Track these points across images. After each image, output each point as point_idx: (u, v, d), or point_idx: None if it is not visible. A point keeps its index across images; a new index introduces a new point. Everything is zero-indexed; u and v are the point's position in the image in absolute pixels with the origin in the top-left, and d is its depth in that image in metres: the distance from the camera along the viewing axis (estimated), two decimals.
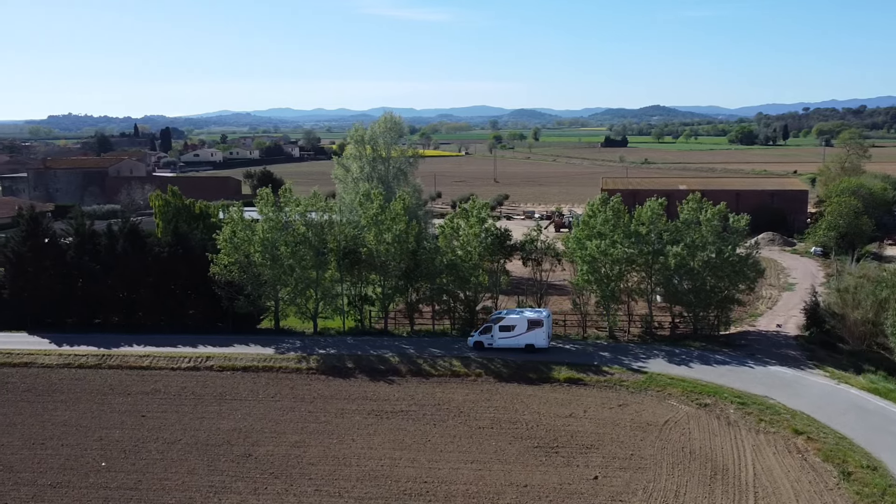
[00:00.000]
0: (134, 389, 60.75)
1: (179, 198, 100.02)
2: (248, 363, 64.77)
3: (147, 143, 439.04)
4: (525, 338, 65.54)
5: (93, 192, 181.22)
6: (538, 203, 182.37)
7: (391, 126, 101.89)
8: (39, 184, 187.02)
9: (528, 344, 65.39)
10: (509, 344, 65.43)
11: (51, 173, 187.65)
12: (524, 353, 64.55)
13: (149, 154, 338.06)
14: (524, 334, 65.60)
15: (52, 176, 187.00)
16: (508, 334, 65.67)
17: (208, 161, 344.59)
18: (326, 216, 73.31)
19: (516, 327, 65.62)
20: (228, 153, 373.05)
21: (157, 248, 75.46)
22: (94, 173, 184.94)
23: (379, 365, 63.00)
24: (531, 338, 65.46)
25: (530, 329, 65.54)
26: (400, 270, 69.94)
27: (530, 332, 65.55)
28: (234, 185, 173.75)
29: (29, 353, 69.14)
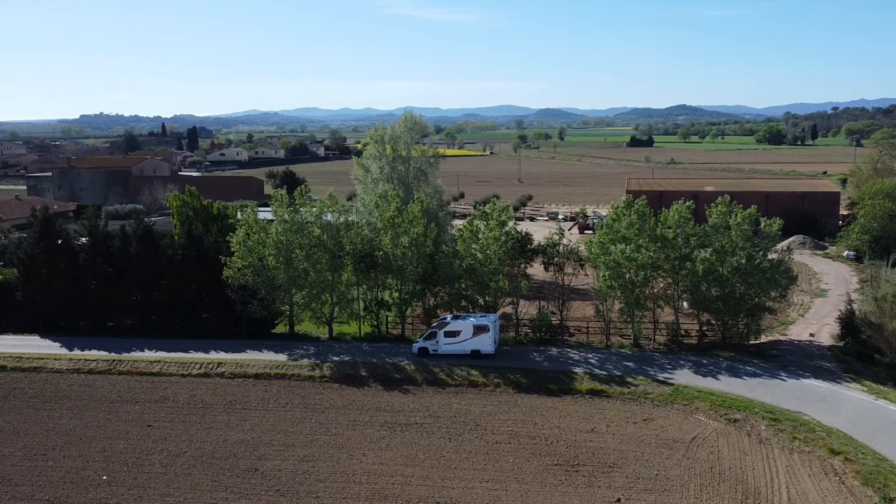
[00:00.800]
0: (142, 397, 58.73)
1: (197, 198, 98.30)
2: (261, 370, 62.56)
3: (174, 143, 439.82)
4: (471, 343, 63.93)
5: (116, 191, 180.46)
6: (562, 204, 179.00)
7: (412, 126, 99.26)
8: (64, 183, 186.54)
9: (473, 350, 63.77)
10: (455, 350, 63.89)
11: (75, 173, 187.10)
12: (471, 359, 62.85)
13: (175, 153, 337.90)
14: (470, 340, 63.98)
15: (77, 175, 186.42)
16: (454, 340, 64.13)
17: (234, 160, 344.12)
18: (343, 218, 71.06)
19: (462, 332, 64.03)
20: (254, 152, 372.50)
21: (170, 250, 73.50)
22: (118, 173, 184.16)
23: (394, 373, 60.54)
24: (477, 343, 63.79)
25: (476, 334, 63.85)
26: (417, 275, 67.43)
27: (476, 338, 63.87)
28: (256, 185, 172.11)
29: (39, 358, 67.42)
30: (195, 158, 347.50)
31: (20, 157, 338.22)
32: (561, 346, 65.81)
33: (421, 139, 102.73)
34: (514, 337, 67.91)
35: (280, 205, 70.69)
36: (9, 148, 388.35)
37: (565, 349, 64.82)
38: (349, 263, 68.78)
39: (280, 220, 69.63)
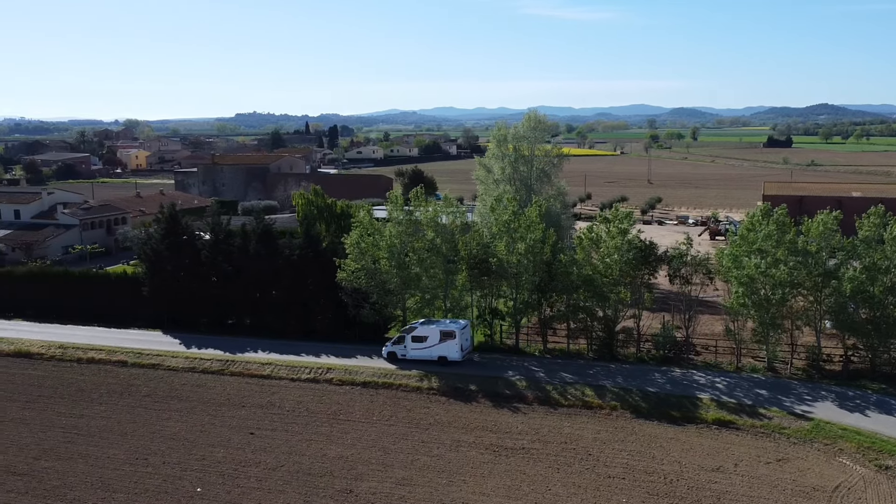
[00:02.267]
0: (249, 401, 56.19)
1: (321, 197, 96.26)
2: (368, 378, 59.04)
3: (316, 141, 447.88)
4: (438, 349, 61.47)
5: (256, 187, 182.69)
6: (693, 207, 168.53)
7: (536, 125, 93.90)
8: (208, 179, 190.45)
9: (440, 356, 61.31)
10: (422, 356, 61.62)
11: (218, 169, 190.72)
12: (438, 366, 60.47)
13: (315, 151, 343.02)
14: (437, 346, 61.50)
15: (219, 172, 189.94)
16: (421, 345, 61.79)
17: (370, 158, 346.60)
18: (458, 220, 66.72)
19: (429, 338, 61.60)
20: (389, 150, 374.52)
21: (287, 250, 71.13)
22: (257, 169, 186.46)
23: (504, 389, 55.73)
24: (444, 350, 61.29)
25: (443, 341, 61.35)
26: (532, 283, 62.34)
27: (443, 344, 61.37)
28: (385, 184, 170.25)
29: (158, 355, 66.29)
30: (333, 156, 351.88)
31: (175, 152, 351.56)
32: (685, 366, 59.17)
33: (550, 138, 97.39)
34: (635, 354, 61.76)
35: (395, 206, 67.12)
36: (166, 144, 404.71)
37: (690, 370, 58.16)
38: (463, 269, 64.48)
39: (394, 221, 66.06)
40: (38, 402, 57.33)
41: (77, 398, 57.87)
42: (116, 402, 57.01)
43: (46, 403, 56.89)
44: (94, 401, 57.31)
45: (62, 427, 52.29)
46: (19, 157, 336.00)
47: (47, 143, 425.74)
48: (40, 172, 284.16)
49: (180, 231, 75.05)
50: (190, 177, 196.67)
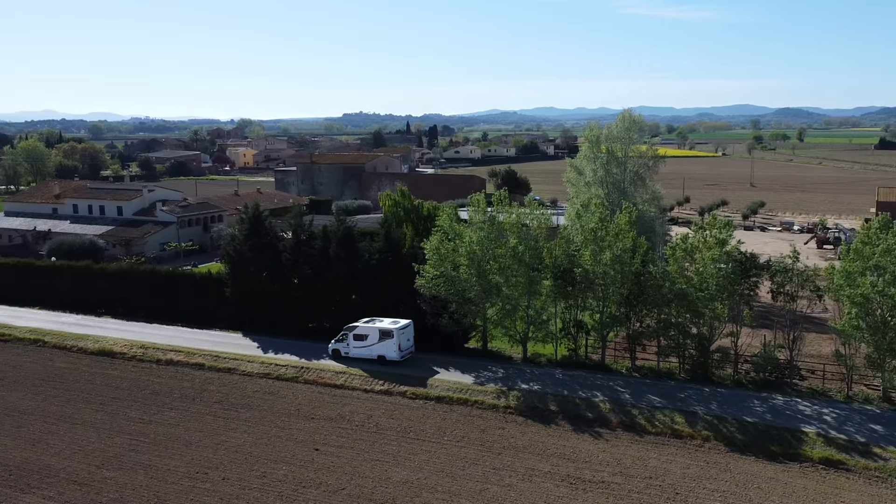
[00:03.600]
0: (319, 413, 52.88)
1: (408, 198, 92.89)
2: (443, 392, 54.95)
3: (415, 140, 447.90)
4: (377, 348, 60.96)
5: (352, 187, 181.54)
6: (798, 213, 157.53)
7: (630, 125, 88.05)
8: (306, 178, 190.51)
9: (379, 355, 60.77)
10: (363, 354, 61.33)
11: (316, 168, 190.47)
12: (378, 365, 59.99)
13: (414, 150, 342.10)
14: (376, 345, 60.99)
15: (317, 171, 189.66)
16: (362, 344, 61.50)
17: (467, 158, 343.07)
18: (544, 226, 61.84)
19: (369, 337, 61.27)
20: (487, 150, 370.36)
21: (367, 253, 67.76)
22: (353, 169, 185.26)
23: (586, 411, 50.67)
24: (382, 349, 60.75)
25: (382, 340, 60.80)
26: (620, 296, 57.02)
27: (381, 343, 60.81)
28: (478, 184, 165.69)
29: (234, 359, 63.91)
30: (431, 155, 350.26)
31: (280, 151, 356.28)
32: (788, 392, 52.52)
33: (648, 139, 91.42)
34: (731, 376, 55.60)
35: (476, 210, 62.82)
36: (272, 143, 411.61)
37: (793, 398, 51.49)
38: (548, 278, 59.71)
39: (476, 226, 61.75)
40: (112, 404, 55.54)
41: (149, 402, 55.83)
42: (187, 407, 54.68)
43: (119, 406, 55.03)
44: (165, 405, 55.13)
45: (129, 433, 50.15)
46: (137, 155, 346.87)
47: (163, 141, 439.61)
48: (154, 169, 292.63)
49: (263, 232, 72.73)
50: (289, 175, 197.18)
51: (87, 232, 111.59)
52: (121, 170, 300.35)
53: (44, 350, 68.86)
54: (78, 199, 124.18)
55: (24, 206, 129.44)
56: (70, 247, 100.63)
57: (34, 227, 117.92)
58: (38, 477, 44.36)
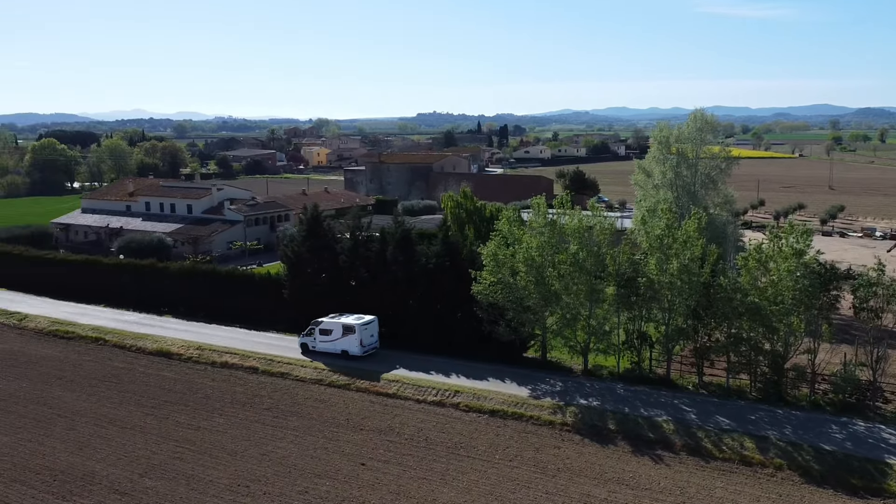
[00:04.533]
0: (368, 424, 50.34)
1: (470, 199, 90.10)
2: (497, 406, 51.81)
3: (486, 140, 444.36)
4: (341, 343, 61.76)
5: (419, 186, 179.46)
6: (881, 218, 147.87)
7: (702, 125, 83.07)
8: (375, 177, 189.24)
9: (343, 350, 61.51)
10: (328, 348, 62.19)
11: (384, 167, 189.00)
12: (344, 360, 60.63)
13: (484, 150, 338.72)
14: (340, 339, 61.76)
15: (386, 170, 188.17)
16: (327, 338, 62.31)
17: (537, 158, 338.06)
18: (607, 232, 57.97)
19: (333, 332, 62.06)
20: (557, 150, 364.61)
21: (424, 257, 65.00)
22: (421, 168, 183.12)
23: (648, 431, 46.86)
24: (345, 344, 61.57)
25: (345, 335, 61.55)
26: (687, 308, 52.88)
27: (344, 338, 61.60)
28: (545, 185, 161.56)
29: (288, 363, 61.96)
30: (501, 155, 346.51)
31: (353, 150, 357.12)
32: (871, 417, 47.57)
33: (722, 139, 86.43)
34: (808, 397, 50.86)
35: (536, 213, 59.39)
36: (345, 142, 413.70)
37: (877, 424, 46.50)
38: (611, 287, 55.99)
39: (535, 231, 58.31)
40: (163, 408, 54.08)
41: (200, 407, 54.18)
42: (237, 414, 52.81)
43: (170, 411, 53.52)
44: (215, 411, 53.38)
45: (176, 440, 48.46)
46: (216, 153, 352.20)
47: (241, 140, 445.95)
48: (231, 167, 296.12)
49: (321, 233, 70.69)
50: (358, 175, 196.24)
51: (158, 229, 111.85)
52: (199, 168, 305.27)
53: (104, 349, 68.18)
54: (150, 197, 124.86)
55: (99, 204, 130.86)
56: (139, 244, 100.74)
57: (107, 224, 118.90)
58: (80, 484, 42.93)
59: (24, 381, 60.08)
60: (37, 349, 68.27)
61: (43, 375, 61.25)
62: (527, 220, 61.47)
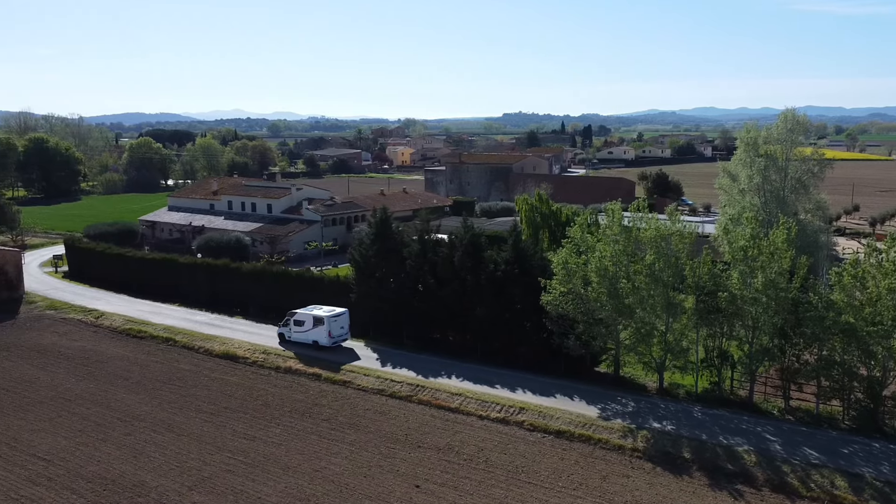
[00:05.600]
0: (427, 441, 47.15)
1: (546, 203, 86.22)
2: (564, 426, 47.87)
3: (569, 141, 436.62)
4: (312, 334, 63.79)
5: (498, 187, 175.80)
6: None
7: (793, 126, 77.14)
8: (455, 177, 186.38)
9: (314, 340, 63.65)
10: (301, 339, 64.38)
11: (464, 168, 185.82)
12: (313, 350, 62.89)
13: (567, 151, 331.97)
14: (311, 330, 63.73)
15: (465, 171, 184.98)
16: (300, 329, 64.36)
17: (620, 159, 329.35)
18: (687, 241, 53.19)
19: (305, 323, 64.09)
20: (641, 151, 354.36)
21: (492, 264, 61.42)
22: (500, 169, 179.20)
23: (727, 462, 42.19)
24: (315, 335, 63.58)
25: (315, 326, 63.42)
26: (773, 326, 47.80)
27: (315, 329, 63.49)
28: (626, 187, 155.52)
29: (351, 371, 59.37)
30: (584, 156, 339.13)
31: (436, 150, 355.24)
32: None
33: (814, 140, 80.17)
34: None
35: (611, 220, 55.08)
36: (430, 142, 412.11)
37: None
38: (689, 301, 51.35)
39: (612, 239, 54.02)
40: (222, 415, 52.13)
41: (258, 415, 51.99)
42: (294, 424, 50.38)
43: (228, 418, 51.51)
44: (272, 420, 51.10)
45: (230, 451, 46.30)
46: (304, 152, 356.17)
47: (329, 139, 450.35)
48: (318, 166, 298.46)
49: (390, 236, 67.95)
50: (438, 175, 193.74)
51: (238, 228, 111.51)
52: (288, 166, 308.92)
53: (173, 350, 67.03)
54: (233, 196, 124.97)
55: (185, 202, 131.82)
56: (217, 243, 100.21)
57: (190, 223, 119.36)
58: (128, 495, 41.09)
59: (91, 381, 59.23)
60: (109, 348, 67.65)
61: (110, 376, 60.32)
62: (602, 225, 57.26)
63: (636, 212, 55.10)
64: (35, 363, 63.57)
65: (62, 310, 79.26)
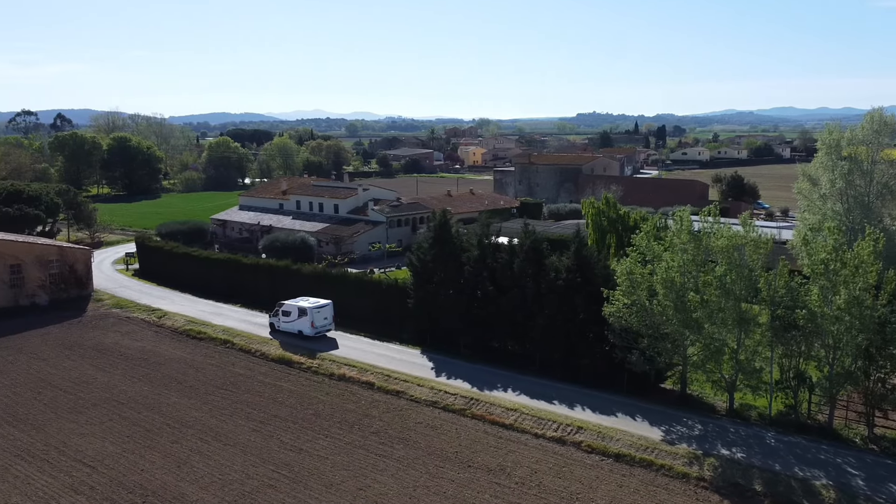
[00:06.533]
0: (478, 460, 44.09)
1: (613, 207, 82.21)
2: (624, 448, 44.16)
3: (642, 141, 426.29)
4: (297, 324, 66.37)
5: (568, 188, 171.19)
6: None
7: (880, 127, 71.03)
8: (524, 178, 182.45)
9: (299, 330, 66.17)
10: (288, 328, 67.01)
11: (533, 169, 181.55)
12: (299, 339, 65.41)
13: (640, 151, 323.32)
14: (296, 320, 66.33)
15: (534, 171, 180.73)
16: (287, 319, 66.98)
17: (695, 160, 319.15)
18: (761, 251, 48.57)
19: (292, 313, 66.72)
20: (716, 152, 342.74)
21: (553, 272, 57.90)
22: (570, 170, 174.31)
23: (802, 498, 37.80)
24: (300, 324, 66.18)
25: (300, 316, 66.10)
26: (856, 346, 43.09)
27: (300, 320, 66.14)
28: (699, 190, 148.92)
29: (404, 380, 56.73)
30: (657, 157, 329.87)
31: (507, 150, 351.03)
32: None
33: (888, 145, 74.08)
34: None
35: (679, 227, 50.92)
36: (501, 142, 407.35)
37: None
38: (763, 316, 46.94)
39: (678, 248, 49.91)
40: (271, 424, 50.13)
41: (307, 426, 49.77)
42: (343, 436, 47.97)
43: (276, 428, 49.46)
44: (321, 431, 48.81)
45: (275, 464, 44.15)
46: (378, 152, 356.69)
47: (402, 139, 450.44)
48: (390, 166, 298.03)
49: (449, 240, 65.04)
50: (507, 176, 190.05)
51: (305, 228, 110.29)
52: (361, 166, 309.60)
53: (230, 353, 65.59)
54: (301, 196, 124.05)
55: (255, 201, 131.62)
56: (282, 243, 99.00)
57: (258, 222, 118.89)
58: None
59: (146, 383, 58.11)
60: (168, 349, 66.65)
61: (165, 379, 59.10)
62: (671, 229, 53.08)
63: (706, 217, 50.86)
64: (95, 363, 62.92)
65: (127, 308, 78.97)
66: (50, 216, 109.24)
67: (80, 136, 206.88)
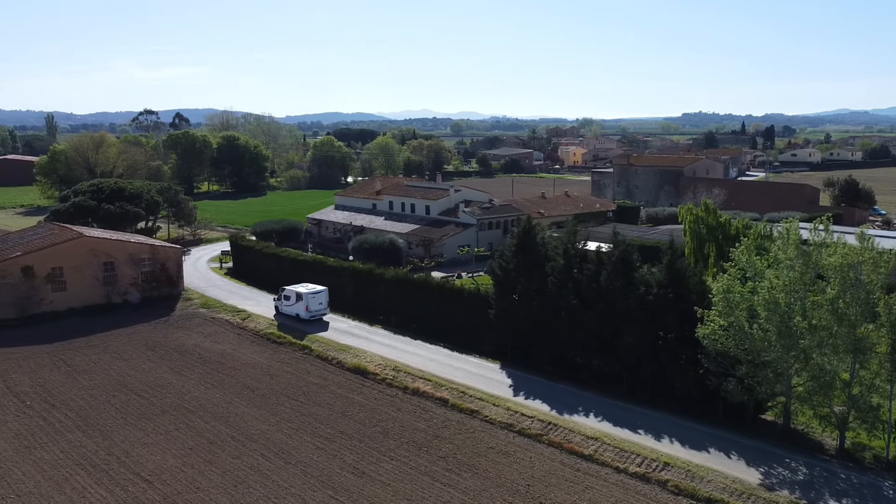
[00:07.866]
0: (551, 497, 39.23)
1: (713, 213, 75.05)
2: (716, 492, 38.37)
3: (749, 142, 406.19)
4: (294, 308, 69.91)
5: (668, 191, 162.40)
6: None
7: None
8: (622, 180, 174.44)
9: (296, 313, 69.70)
10: (288, 311, 70.75)
11: (632, 170, 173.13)
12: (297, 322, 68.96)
13: (746, 153, 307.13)
14: (295, 304, 69.73)
15: (633, 173, 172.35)
16: (288, 303, 70.54)
17: (805, 162, 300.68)
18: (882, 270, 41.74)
19: (291, 298, 70.19)
20: (828, 154, 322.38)
21: (643, 286, 52.22)
22: (670, 172, 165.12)
23: None
24: (297, 308, 69.67)
25: (297, 301, 69.44)
26: None
27: (297, 304, 69.48)
28: (809, 194, 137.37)
29: (480, 398, 52.31)
30: (764, 159, 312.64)
31: (608, 150, 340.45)
32: None
33: None
34: None
35: (785, 241, 44.47)
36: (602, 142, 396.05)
37: None
38: (883, 346, 40.17)
39: (783, 265, 43.52)
40: (336, 441, 46.68)
41: (374, 445, 46.04)
42: (409, 460, 43.97)
43: (342, 445, 45.94)
44: (386, 453, 44.95)
45: (334, 488, 40.60)
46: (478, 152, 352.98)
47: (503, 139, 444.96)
48: (490, 166, 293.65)
49: (533, 248, 60.17)
50: (605, 177, 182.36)
51: (396, 230, 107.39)
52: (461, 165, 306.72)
53: (307, 360, 62.80)
54: (394, 196, 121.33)
55: (350, 200, 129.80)
56: (371, 245, 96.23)
57: (351, 222, 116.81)
58: None
59: (218, 390, 55.78)
60: (247, 353, 64.42)
61: (238, 386, 56.66)
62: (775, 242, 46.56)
63: (817, 229, 44.26)
64: (173, 366, 61.23)
65: (214, 308, 77.61)
66: (150, 214, 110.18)
67: (192, 134, 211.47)
